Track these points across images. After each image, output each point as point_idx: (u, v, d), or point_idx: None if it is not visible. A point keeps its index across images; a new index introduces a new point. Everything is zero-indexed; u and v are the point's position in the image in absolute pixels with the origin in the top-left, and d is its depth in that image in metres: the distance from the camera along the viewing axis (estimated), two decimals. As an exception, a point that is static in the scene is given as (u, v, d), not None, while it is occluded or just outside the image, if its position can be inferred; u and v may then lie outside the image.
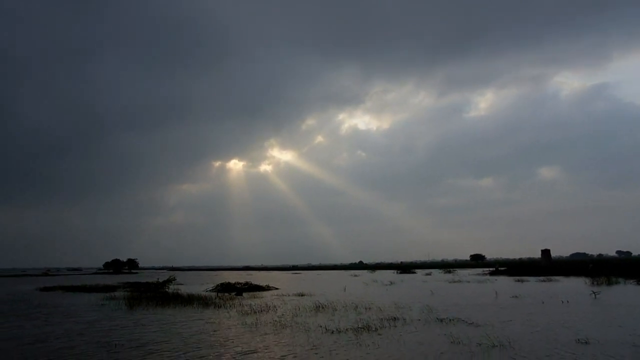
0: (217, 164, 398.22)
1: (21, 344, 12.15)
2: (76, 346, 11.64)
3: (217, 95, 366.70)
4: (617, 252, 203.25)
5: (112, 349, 11.07)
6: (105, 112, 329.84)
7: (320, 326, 13.88)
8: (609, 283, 31.77)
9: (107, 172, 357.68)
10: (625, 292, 25.64)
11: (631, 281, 33.32)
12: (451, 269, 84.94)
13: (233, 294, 29.83)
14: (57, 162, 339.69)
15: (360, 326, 13.58)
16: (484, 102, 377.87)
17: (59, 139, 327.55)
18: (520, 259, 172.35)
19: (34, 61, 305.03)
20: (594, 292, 22.88)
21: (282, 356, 9.85)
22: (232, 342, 11.78)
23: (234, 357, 9.97)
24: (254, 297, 26.84)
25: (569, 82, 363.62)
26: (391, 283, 42.60)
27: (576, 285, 32.27)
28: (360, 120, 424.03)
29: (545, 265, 55.18)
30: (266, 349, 10.66)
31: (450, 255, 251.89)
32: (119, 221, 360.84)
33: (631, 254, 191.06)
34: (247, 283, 36.42)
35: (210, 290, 32.85)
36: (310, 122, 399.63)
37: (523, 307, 18.50)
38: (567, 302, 20.01)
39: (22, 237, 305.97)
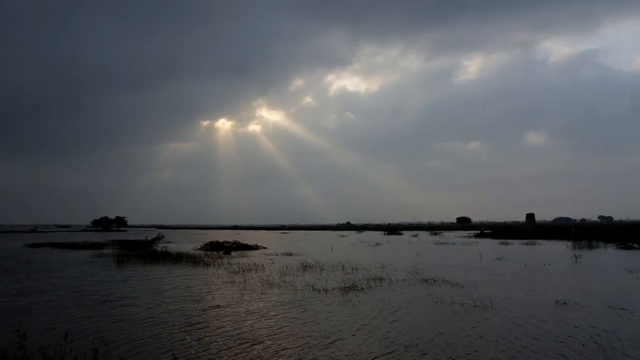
0: (206, 123, 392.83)
1: (1, 297, 12.27)
2: (52, 300, 11.81)
3: (205, 54, 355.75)
4: (599, 217, 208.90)
5: (86, 303, 11.26)
6: (92, 71, 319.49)
7: (307, 285, 14.04)
8: (590, 247, 32.63)
9: (96, 130, 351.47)
10: (605, 255, 26.36)
11: (611, 245, 34.22)
12: (437, 231, 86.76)
13: (221, 252, 30.03)
14: (45, 119, 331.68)
15: (346, 285, 13.74)
16: (474, 66, 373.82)
17: (46, 97, 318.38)
18: (505, 222, 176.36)
19: (16, 19, 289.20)
20: (575, 256, 23.45)
21: (253, 311, 9.92)
22: (211, 297, 11.88)
23: (204, 310, 10.14)
24: (243, 256, 27.08)
25: (557, 48, 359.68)
26: (378, 244, 43.35)
27: (558, 248, 33.12)
28: (349, 82, 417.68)
29: (530, 229, 56.37)
30: (238, 304, 10.70)
31: (436, 218, 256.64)
32: (107, 179, 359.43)
33: (612, 218, 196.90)
34: (235, 242, 36.67)
35: (198, 249, 33.04)
36: (298, 82, 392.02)
37: (506, 269, 18.92)
38: (549, 264, 20.49)
39: (9, 193, 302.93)
